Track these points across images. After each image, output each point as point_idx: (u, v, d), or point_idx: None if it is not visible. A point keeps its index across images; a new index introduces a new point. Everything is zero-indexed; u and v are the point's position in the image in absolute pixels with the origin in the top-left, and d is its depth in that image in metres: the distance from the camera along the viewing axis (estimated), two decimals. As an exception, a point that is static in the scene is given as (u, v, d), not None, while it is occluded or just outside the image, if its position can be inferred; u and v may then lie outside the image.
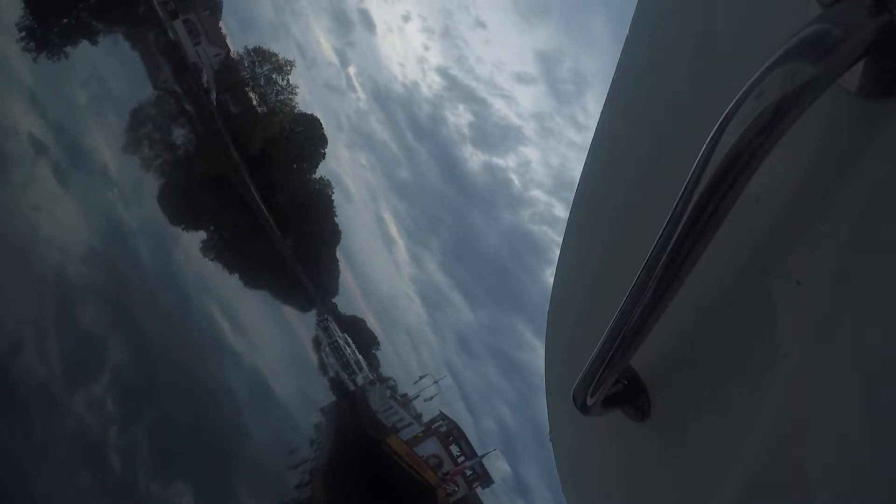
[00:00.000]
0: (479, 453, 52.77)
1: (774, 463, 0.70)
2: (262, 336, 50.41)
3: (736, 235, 0.69)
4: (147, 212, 32.66)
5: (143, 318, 24.85)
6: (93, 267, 22.18)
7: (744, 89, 0.54)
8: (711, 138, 0.57)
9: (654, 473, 1.01)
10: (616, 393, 0.93)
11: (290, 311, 73.70)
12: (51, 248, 19.82)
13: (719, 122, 0.56)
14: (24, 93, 22.86)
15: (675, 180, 0.62)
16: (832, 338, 0.62)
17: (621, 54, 1.12)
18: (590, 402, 0.86)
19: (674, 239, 0.62)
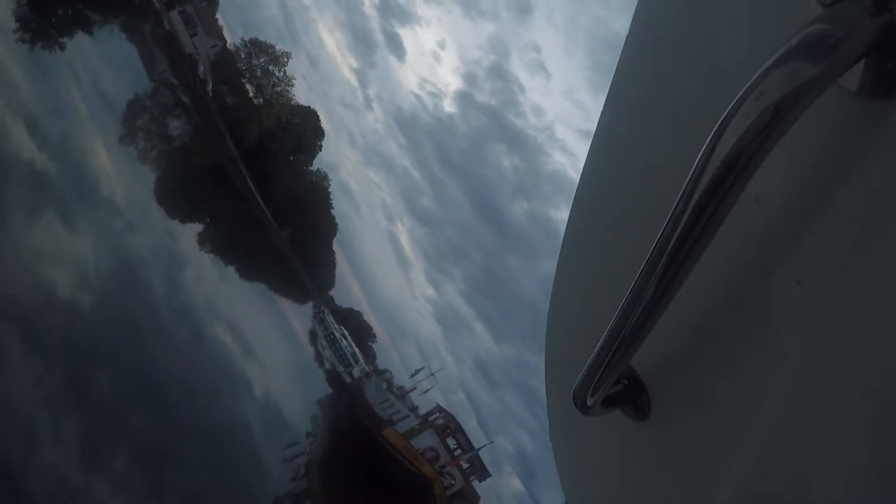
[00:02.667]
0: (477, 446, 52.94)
1: (774, 463, 0.70)
2: (259, 329, 50.34)
3: (736, 235, 0.69)
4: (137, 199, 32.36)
5: (150, 339, 24.68)
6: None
7: (744, 89, 0.54)
8: (711, 138, 0.56)
9: (654, 473, 1.02)
10: (616, 393, 0.93)
11: (286, 303, 73.62)
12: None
13: (719, 122, 0.56)
14: (17, 86, 22.61)
15: (675, 180, 0.62)
16: (832, 338, 0.61)
17: (621, 54, 1.12)
18: (590, 402, 0.86)
19: (674, 239, 0.62)
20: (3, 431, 14.11)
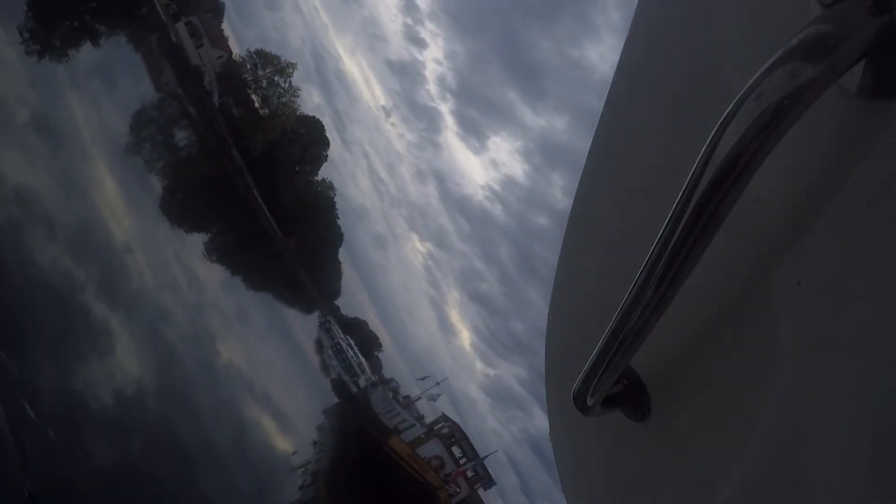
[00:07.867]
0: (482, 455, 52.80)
1: (774, 464, 0.70)
2: (264, 338, 50.37)
3: (736, 235, 0.69)
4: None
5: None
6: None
7: (744, 89, 0.54)
8: (711, 138, 0.56)
9: (654, 473, 1.01)
10: (616, 393, 0.92)
11: (292, 313, 73.56)
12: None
13: (719, 122, 0.56)
14: (22, 93, 22.63)
15: (675, 180, 0.62)
16: (832, 338, 0.61)
17: (621, 54, 1.12)
18: (590, 402, 0.86)
19: (674, 239, 0.62)
20: None
